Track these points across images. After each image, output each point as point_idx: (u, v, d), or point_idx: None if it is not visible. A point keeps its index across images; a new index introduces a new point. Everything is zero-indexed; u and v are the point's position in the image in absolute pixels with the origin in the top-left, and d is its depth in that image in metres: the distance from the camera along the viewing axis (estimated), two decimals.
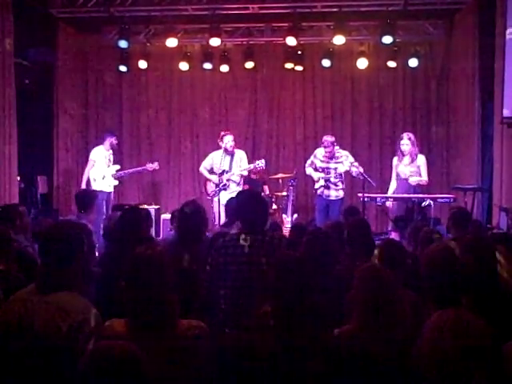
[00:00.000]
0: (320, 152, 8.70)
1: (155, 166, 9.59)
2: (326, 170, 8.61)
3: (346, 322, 3.00)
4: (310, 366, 2.69)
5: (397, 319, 2.77)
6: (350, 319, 2.97)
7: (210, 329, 3.63)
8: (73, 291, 2.64)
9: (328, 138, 8.58)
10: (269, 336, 2.75)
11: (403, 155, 8.22)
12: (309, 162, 8.87)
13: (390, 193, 8.38)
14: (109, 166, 9.28)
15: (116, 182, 9.43)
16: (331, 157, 8.57)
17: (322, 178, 8.58)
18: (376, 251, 3.85)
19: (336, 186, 8.57)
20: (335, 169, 8.56)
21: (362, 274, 2.96)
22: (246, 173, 8.81)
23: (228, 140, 8.70)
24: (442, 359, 2.43)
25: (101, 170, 9.20)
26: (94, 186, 9.05)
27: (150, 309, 2.55)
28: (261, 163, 8.76)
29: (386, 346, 2.70)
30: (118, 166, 9.43)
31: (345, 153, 8.69)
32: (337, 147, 8.60)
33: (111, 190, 9.37)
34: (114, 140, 9.34)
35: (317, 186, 8.68)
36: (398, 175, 8.33)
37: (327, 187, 8.58)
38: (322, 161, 8.66)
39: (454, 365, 2.39)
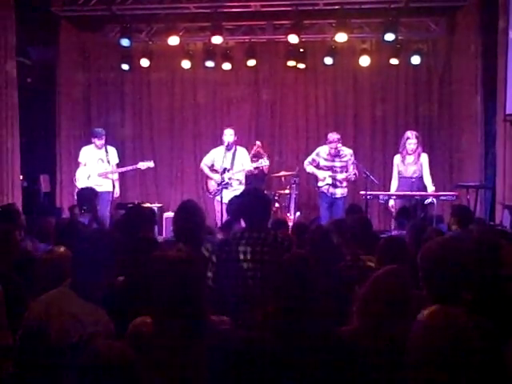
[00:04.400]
0: (324, 150, 8.63)
1: (149, 164, 9.16)
2: (332, 169, 8.55)
3: (351, 321, 2.98)
4: (311, 366, 2.68)
5: (407, 320, 2.74)
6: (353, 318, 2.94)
7: None
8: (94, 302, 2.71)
9: (334, 135, 8.53)
10: (270, 335, 2.73)
11: (408, 154, 8.19)
12: (309, 159, 8.77)
13: (392, 191, 8.37)
14: (96, 165, 8.90)
15: (102, 182, 8.83)
16: (336, 154, 8.52)
17: (330, 176, 8.51)
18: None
19: (341, 183, 8.54)
20: (341, 167, 8.51)
21: (383, 274, 2.89)
22: (249, 168, 8.71)
23: (228, 133, 8.62)
24: (429, 359, 2.40)
25: (87, 170, 8.91)
26: (78, 185, 8.72)
27: (186, 309, 2.55)
28: (264, 162, 8.74)
29: (392, 346, 2.68)
30: (107, 165, 8.94)
31: (349, 151, 8.62)
32: (339, 145, 8.56)
33: (102, 189, 8.59)
34: (96, 140, 8.91)
35: (321, 184, 8.60)
36: (400, 173, 8.31)
37: (334, 185, 8.53)
38: (326, 159, 8.59)
39: (440, 364, 2.37)
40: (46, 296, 2.78)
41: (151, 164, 9.24)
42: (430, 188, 8.11)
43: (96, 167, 8.92)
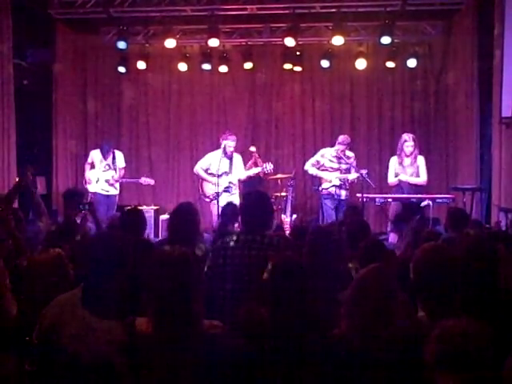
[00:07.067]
0: (329, 152, 8.60)
1: (150, 181, 9.48)
2: (339, 170, 8.54)
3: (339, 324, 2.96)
4: (306, 368, 2.67)
5: (392, 322, 2.73)
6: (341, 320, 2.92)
7: None
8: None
9: (346, 138, 8.54)
10: (265, 338, 2.73)
11: (406, 156, 8.20)
12: (312, 161, 8.73)
13: (392, 181, 8.35)
14: (104, 170, 9.26)
15: (109, 188, 9.26)
16: (342, 156, 8.50)
17: (337, 177, 8.47)
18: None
19: (345, 185, 8.55)
20: (345, 169, 8.49)
21: (367, 273, 2.88)
22: (247, 175, 8.80)
23: (230, 143, 8.58)
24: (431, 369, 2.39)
25: (96, 173, 9.26)
26: (89, 188, 9.17)
27: (178, 309, 2.55)
28: (269, 166, 8.73)
29: (379, 348, 2.67)
30: (113, 172, 9.28)
31: (352, 154, 8.60)
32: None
33: (109, 193, 9.27)
34: (102, 158, 9.33)
35: (327, 185, 8.54)
36: (397, 176, 8.31)
37: (340, 187, 8.51)
38: (331, 161, 8.56)
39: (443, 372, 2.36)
40: (62, 298, 2.79)
41: (152, 181, 9.56)
42: (423, 178, 8.12)
43: (103, 172, 9.27)
